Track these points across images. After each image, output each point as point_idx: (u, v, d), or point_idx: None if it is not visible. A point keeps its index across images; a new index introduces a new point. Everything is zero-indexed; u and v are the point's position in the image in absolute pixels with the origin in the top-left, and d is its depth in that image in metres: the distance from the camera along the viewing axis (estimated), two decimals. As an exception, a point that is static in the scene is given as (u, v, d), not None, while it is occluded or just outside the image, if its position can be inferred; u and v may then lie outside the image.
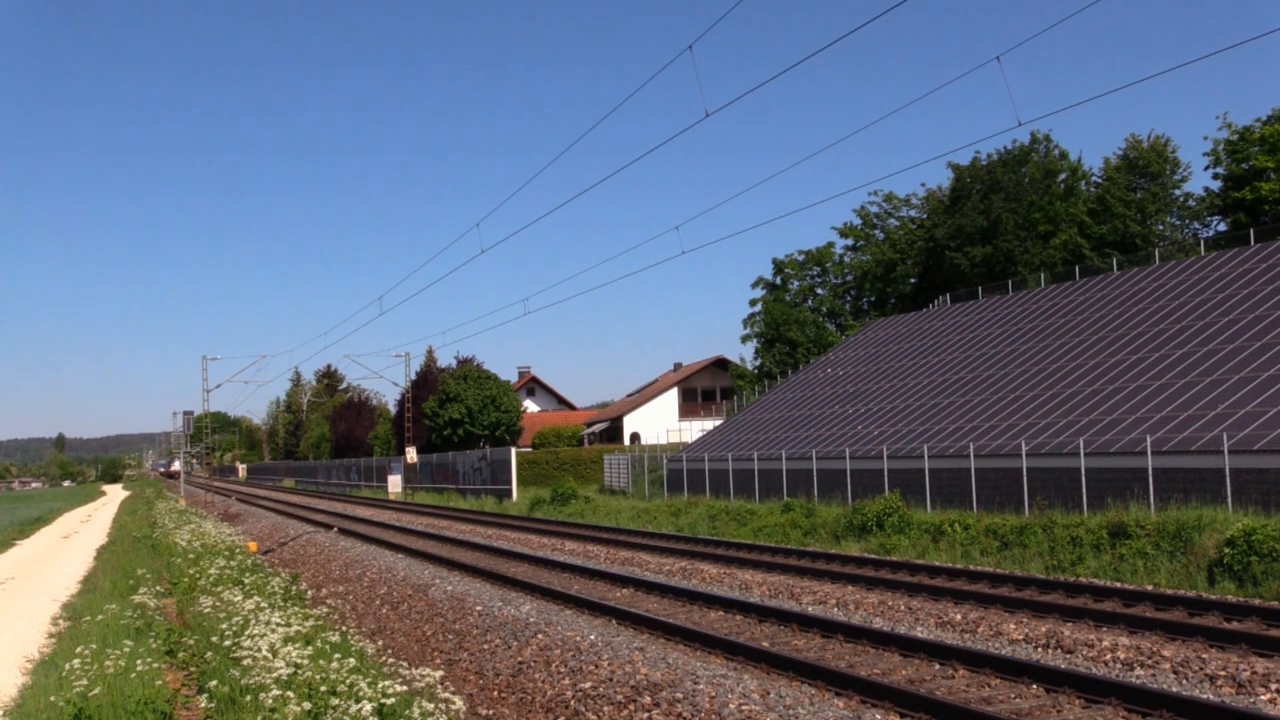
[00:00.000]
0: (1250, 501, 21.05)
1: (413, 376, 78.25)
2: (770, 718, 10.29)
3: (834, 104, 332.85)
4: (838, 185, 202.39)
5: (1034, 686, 11.44)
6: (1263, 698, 10.89)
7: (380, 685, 8.24)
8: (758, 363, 71.92)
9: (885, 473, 31.22)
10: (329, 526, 40.86)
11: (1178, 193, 55.95)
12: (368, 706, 7.45)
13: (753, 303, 75.26)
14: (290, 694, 7.70)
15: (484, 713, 12.60)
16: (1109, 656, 12.86)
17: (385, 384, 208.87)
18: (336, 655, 9.07)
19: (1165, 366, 28.67)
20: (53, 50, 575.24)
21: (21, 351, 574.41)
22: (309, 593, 18.18)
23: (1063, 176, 60.58)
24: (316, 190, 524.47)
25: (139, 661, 9.80)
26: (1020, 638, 14.34)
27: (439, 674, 8.71)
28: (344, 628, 13.61)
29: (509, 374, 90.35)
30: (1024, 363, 34.82)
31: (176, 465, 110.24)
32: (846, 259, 74.17)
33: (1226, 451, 21.95)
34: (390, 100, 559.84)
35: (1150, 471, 23.24)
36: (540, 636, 15.15)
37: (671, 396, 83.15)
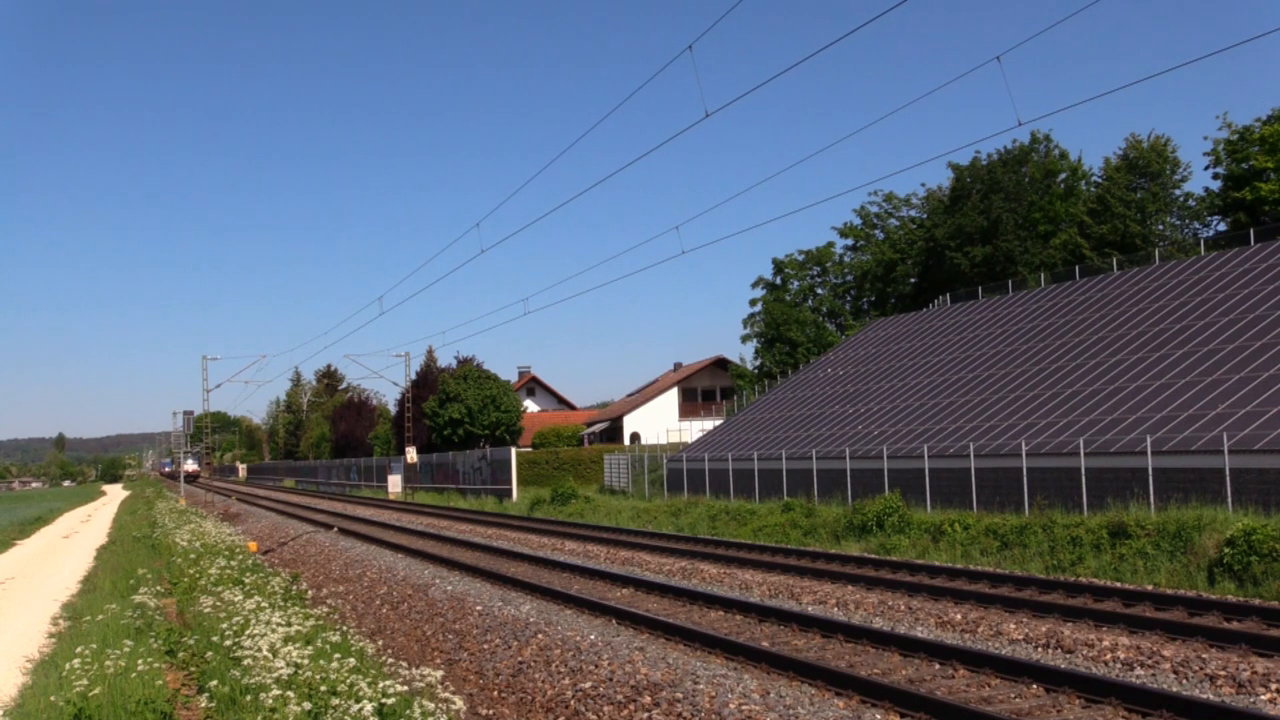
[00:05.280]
0: (1250, 501, 21.04)
1: (413, 376, 78.30)
2: (770, 718, 10.29)
3: (834, 104, 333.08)
4: (838, 185, 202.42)
5: (1034, 686, 11.44)
6: (1263, 698, 10.89)
7: (380, 685, 8.24)
8: (758, 363, 71.90)
9: (885, 473, 31.21)
10: (329, 526, 40.85)
11: (1178, 193, 55.93)
12: (368, 706, 7.45)
13: (753, 303, 75.31)
14: (290, 694, 7.70)
15: (484, 713, 12.60)
16: (1109, 656, 12.86)
17: (385, 384, 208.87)
18: (336, 655, 9.07)
19: (1165, 366, 28.67)
20: (53, 49, 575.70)
21: (21, 351, 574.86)
22: (309, 592, 18.18)
23: (1063, 176, 60.55)
24: (316, 190, 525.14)
25: (139, 661, 9.80)
26: (1020, 638, 14.34)
27: (439, 674, 8.71)
28: (344, 627, 13.61)
29: (509, 374, 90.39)
30: (1024, 363, 34.82)
31: (191, 465, 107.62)
32: (846, 259, 74.16)
33: (1226, 451, 21.95)
34: (390, 100, 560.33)
35: (1150, 471, 23.24)
36: (540, 636, 15.15)
37: (671, 396, 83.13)
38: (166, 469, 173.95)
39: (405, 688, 8.81)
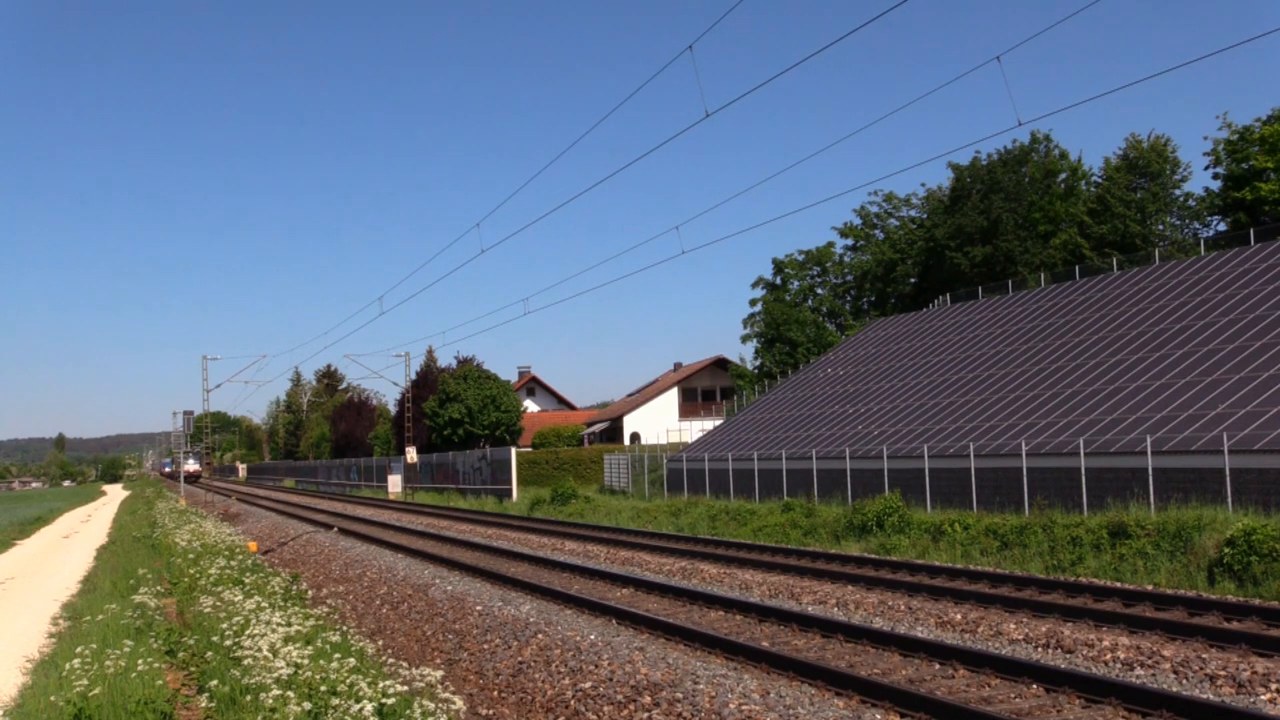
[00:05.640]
0: (1250, 501, 21.05)
1: (413, 376, 78.27)
2: (770, 718, 10.29)
3: (834, 104, 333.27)
4: (838, 185, 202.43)
5: (1034, 686, 11.44)
6: (1263, 698, 10.89)
7: (380, 685, 8.24)
8: (758, 363, 71.90)
9: (885, 473, 31.21)
10: (329, 526, 40.85)
11: (1178, 193, 55.94)
12: (368, 706, 7.45)
13: (753, 303, 75.31)
14: (290, 694, 7.70)
15: (484, 713, 12.60)
16: (1109, 656, 12.86)
17: (385, 384, 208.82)
18: (336, 655, 9.07)
19: (1165, 366, 28.67)
20: (53, 49, 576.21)
21: (21, 351, 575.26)
22: (309, 592, 18.18)
23: (1063, 176, 60.54)
24: (316, 190, 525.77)
25: (139, 661, 9.80)
26: (1020, 638, 14.34)
27: (439, 674, 8.71)
28: (344, 627, 13.61)
29: (509, 374, 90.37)
30: (1024, 363, 34.82)
31: (192, 464, 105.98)
32: (846, 259, 74.16)
33: (1226, 451, 21.95)
34: (390, 100, 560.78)
35: (1150, 471, 23.24)
36: (540, 636, 15.15)
37: (671, 396, 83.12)
38: (167, 469, 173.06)
39: (405, 688, 8.81)
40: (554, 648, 14.37)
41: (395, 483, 69.98)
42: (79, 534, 41.33)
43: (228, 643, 10.71)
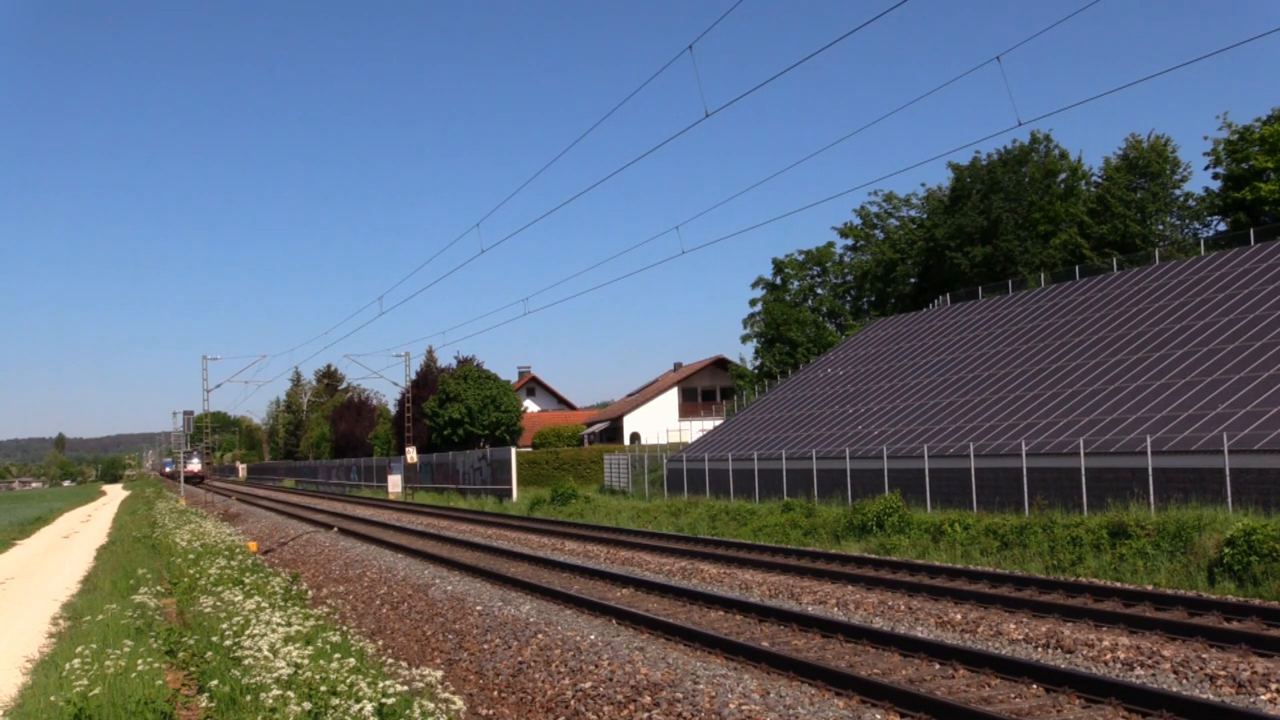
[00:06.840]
0: (1250, 501, 21.04)
1: (413, 376, 78.23)
2: (770, 717, 10.29)
3: (834, 104, 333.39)
4: (838, 185, 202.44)
5: (1034, 686, 11.44)
6: (1263, 698, 10.89)
7: (380, 685, 8.24)
8: (758, 363, 71.90)
9: (885, 473, 31.20)
10: (329, 526, 40.84)
11: (1178, 193, 55.94)
12: (368, 706, 7.45)
13: (753, 303, 75.29)
14: (291, 694, 7.70)
15: (484, 713, 12.60)
16: (1109, 656, 12.86)
17: (385, 384, 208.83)
18: (337, 655, 9.06)
19: (1165, 366, 28.67)
20: (53, 49, 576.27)
21: (21, 351, 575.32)
22: (309, 592, 18.17)
23: (1063, 176, 60.54)
24: (316, 190, 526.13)
25: (139, 661, 9.80)
26: (1020, 638, 14.33)
27: (439, 674, 8.71)
28: (344, 627, 13.61)
29: (509, 374, 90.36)
30: (1024, 363, 34.81)
31: (195, 464, 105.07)
32: (846, 259, 74.16)
33: (1226, 451, 21.95)
34: (391, 100, 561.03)
35: (1150, 471, 23.24)
36: (540, 636, 15.15)
37: (671, 396, 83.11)
38: (168, 469, 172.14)
39: (405, 688, 8.81)
40: (554, 648, 14.37)
41: (395, 483, 69.97)
42: (79, 534, 41.32)
43: (228, 643, 10.70)
